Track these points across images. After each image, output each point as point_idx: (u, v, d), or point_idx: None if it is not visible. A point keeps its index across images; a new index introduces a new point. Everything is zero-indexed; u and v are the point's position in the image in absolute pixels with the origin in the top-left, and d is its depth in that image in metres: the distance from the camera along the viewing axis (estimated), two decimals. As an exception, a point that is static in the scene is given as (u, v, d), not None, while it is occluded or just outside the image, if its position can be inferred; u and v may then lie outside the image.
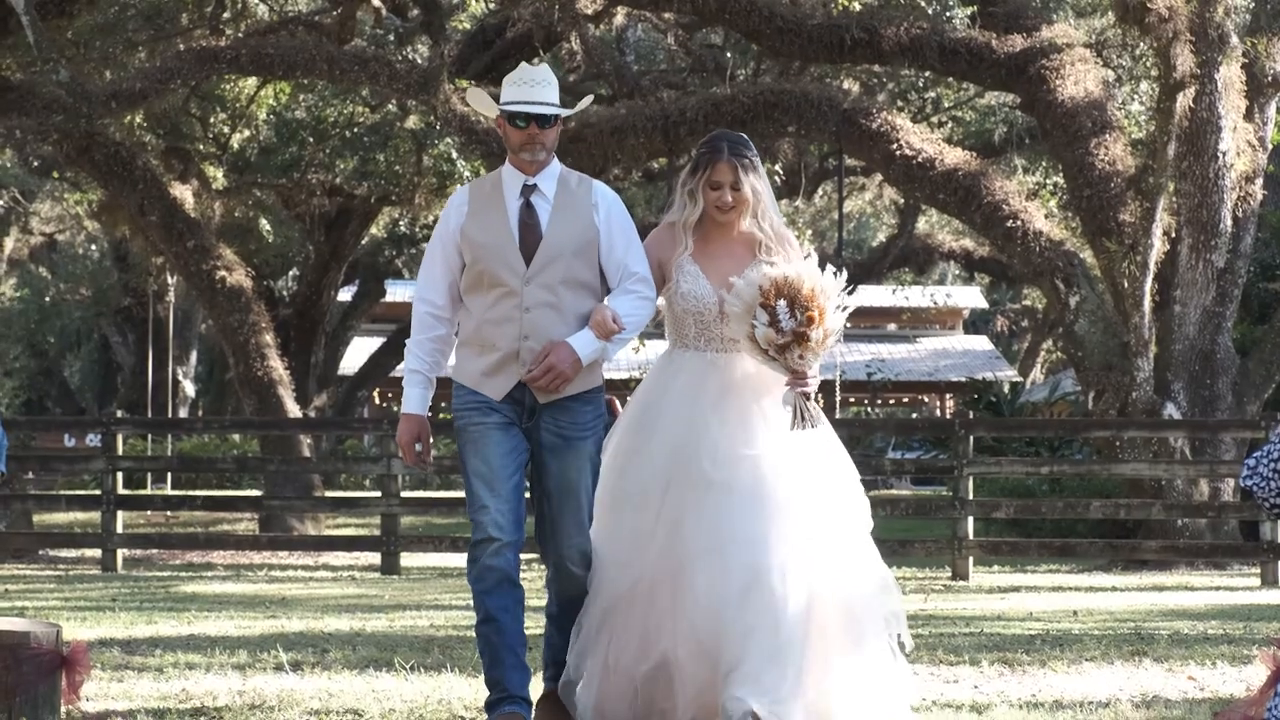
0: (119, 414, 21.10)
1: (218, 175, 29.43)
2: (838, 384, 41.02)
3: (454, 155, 27.71)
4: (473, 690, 8.20)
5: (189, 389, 47.91)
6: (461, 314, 7.24)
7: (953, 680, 8.89)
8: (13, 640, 6.44)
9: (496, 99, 7.26)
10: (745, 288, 6.97)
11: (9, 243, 42.03)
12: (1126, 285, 19.28)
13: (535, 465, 7.17)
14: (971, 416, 19.93)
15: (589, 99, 8.47)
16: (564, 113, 7.24)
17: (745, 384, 7.12)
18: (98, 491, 20.61)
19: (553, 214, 7.15)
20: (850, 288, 7.12)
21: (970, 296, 60.48)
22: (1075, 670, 9.29)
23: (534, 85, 7.15)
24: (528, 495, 7.13)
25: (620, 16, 27.31)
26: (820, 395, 7.21)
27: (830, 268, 7.06)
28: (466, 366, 7.17)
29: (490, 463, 7.02)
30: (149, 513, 29.05)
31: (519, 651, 6.99)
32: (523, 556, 7.18)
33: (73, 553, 22.07)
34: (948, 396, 56.09)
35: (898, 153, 20.99)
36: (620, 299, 7.14)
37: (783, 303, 6.85)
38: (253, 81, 27.58)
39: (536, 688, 7.27)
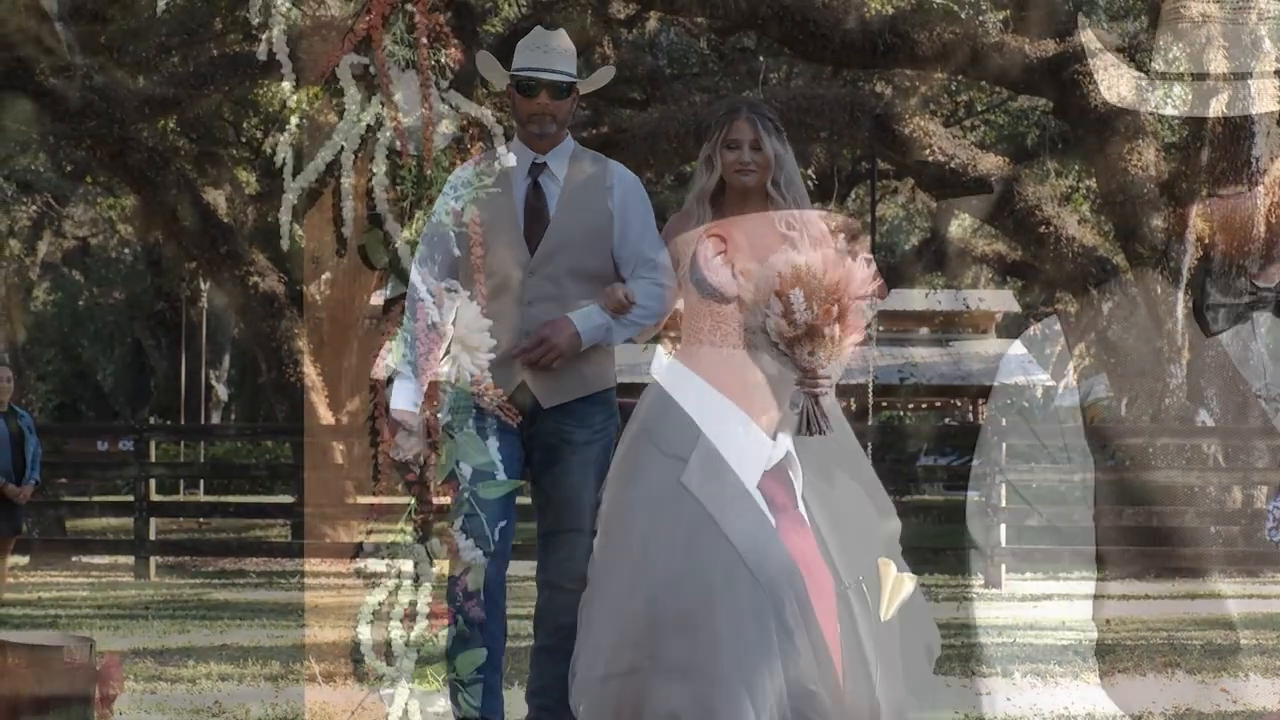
0: (151, 420, 21.14)
1: (250, 180, 29.44)
2: (870, 388, 40.94)
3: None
4: (507, 700, 8.17)
5: (222, 393, 48.08)
6: None
7: (985, 692, 8.86)
8: (45, 655, 6.45)
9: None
10: (762, 274, 6.14)
11: (42, 247, 42.10)
12: (1159, 291, 19.23)
13: (534, 472, 6.50)
14: (1004, 422, 19.89)
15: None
16: (581, 84, 6.49)
17: (765, 386, 6.25)
18: (130, 498, 20.63)
19: (562, 197, 6.42)
20: (881, 281, 6.29)
21: (1003, 300, 60.30)
22: (1108, 682, 9.26)
23: (548, 51, 6.41)
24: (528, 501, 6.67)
25: (653, 21, 27.30)
26: (852, 400, 6.91)
27: (862, 256, 6.25)
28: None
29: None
30: (181, 519, 29.13)
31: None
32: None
33: (105, 559, 22.11)
34: (980, 401, 55.93)
35: (930, 158, 20.94)
36: (634, 285, 6.38)
37: (799, 291, 6.02)
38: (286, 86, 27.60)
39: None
